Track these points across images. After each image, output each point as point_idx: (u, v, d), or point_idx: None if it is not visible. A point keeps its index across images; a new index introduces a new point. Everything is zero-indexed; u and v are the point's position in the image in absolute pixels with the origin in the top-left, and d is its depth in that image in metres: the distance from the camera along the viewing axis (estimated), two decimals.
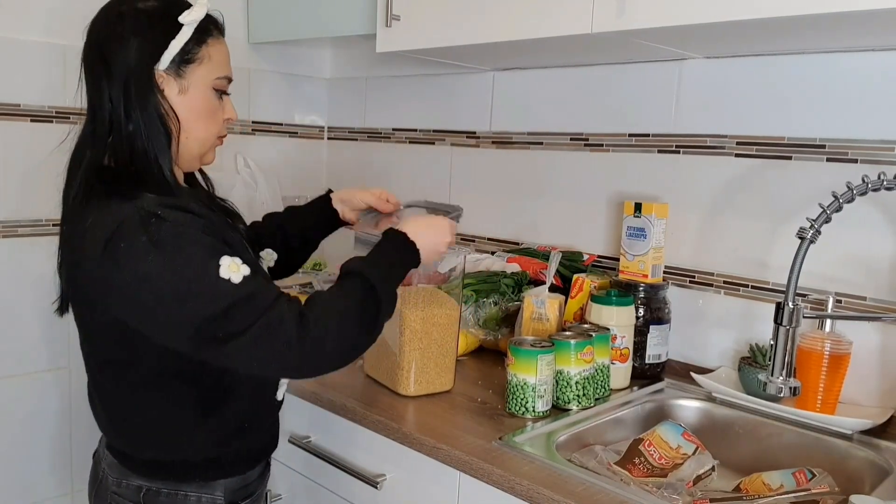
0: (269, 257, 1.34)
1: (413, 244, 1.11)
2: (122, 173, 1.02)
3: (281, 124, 2.25)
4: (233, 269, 0.94)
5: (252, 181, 2.10)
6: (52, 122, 1.75)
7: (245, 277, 0.95)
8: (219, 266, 0.94)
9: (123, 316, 0.98)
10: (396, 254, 1.10)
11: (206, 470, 1.10)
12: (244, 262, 0.96)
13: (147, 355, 1.02)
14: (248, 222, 1.30)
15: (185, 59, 1.04)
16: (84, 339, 1.10)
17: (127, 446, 1.10)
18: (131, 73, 1.00)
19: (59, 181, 1.00)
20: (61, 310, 1.12)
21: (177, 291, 0.92)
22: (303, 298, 1.02)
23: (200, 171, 1.19)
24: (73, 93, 1.74)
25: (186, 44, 1.03)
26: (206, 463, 1.10)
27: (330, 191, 1.41)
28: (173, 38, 1.02)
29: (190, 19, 1.03)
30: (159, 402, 1.06)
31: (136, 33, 1.01)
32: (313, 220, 1.39)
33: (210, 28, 1.07)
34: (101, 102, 1.02)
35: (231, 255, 0.96)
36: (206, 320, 0.92)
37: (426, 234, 1.14)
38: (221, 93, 1.10)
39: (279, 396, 1.18)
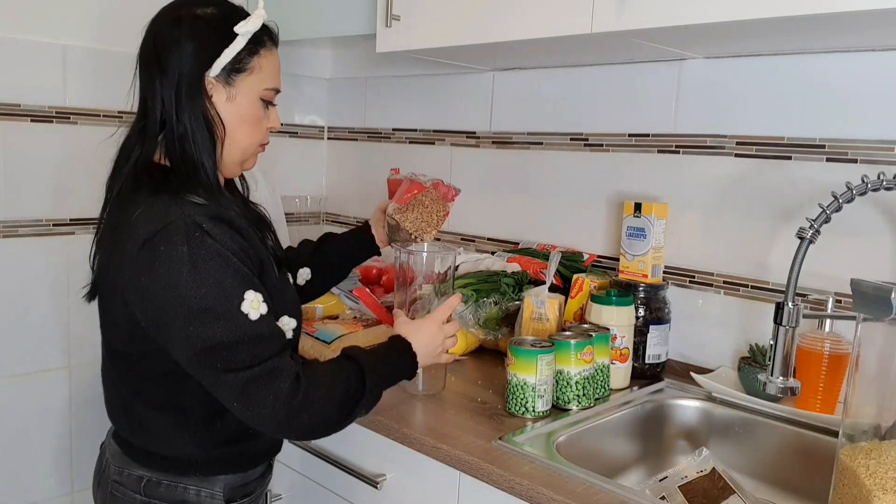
0: (302, 276, 1.39)
1: (416, 361, 1.15)
2: (173, 171, 1.05)
3: (281, 124, 2.25)
4: (254, 304, 0.97)
5: (252, 180, 2.10)
6: (52, 122, 1.75)
7: (261, 316, 0.98)
8: (243, 299, 0.97)
9: (138, 313, 1.00)
10: (400, 365, 1.15)
11: (208, 466, 1.11)
12: (264, 300, 0.99)
13: (157, 355, 1.03)
14: None
15: (235, 67, 1.06)
16: (103, 326, 1.11)
17: (131, 435, 1.11)
18: (183, 76, 1.03)
19: (59, 182, 1.00)
20: (90, 296, 1.14)
21: (198, 309, 0.94)
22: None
23: (241, 176, 1.21)
24: (73, 93, 1.76)
25: (239, 53, 1.06)
26: (207, 460, 1.11)
27: (367, 222, 1.47)
28: (227, 46, 1.05)
29: (244, 30, 1.05)
30: (165, 400, 1.07)
31: (192, 38, 1.03)
32: (350, 245, 1.44)
33: (264, 39, 1.09)
34: (153, 102, 1.05)
35: (256, 289, 0.98)
36: (213, 346, 0.95)
37: (427, 349, 1.17)
38: (268, 102, 1.12)
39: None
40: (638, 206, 1.50)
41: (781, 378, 1.10)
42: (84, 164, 1.78)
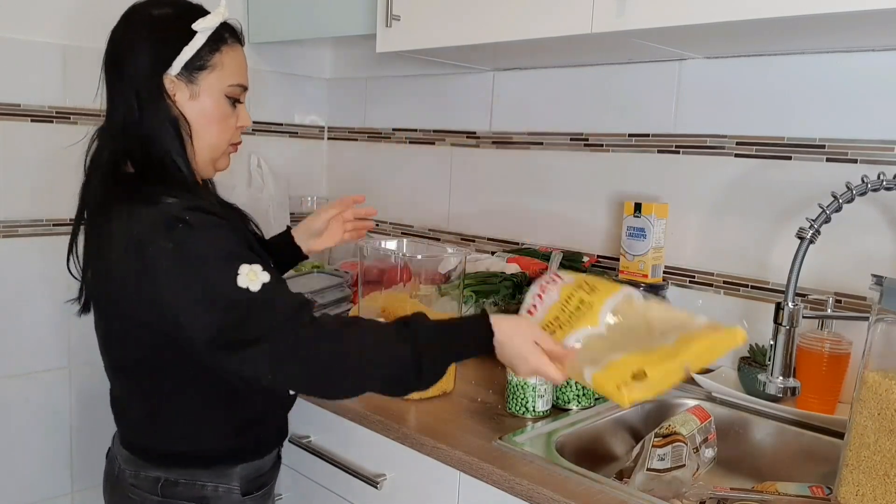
0: None
1: (492, 336, 1.00)
2: (142, 176, 1.04)
3: (281, 124, 2.25)
4: (251, 276, 0.95)
5: (261, 181, 2.10)
6: (52, 122, 1.75)
7: (264, 285, 0.95)
8: (237, 275, 0.94)
9: (148, 319, 1.00)
10: (469, 338, 1.02)
11: (224, 457, 1.12)
12: (264, 269, 0.96)
13: (171, 359, 1.03)
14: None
15: (197, 65, 1.05)
16: (107, 346, 1.10)
17: (146, 442, 1.12)
18: (141, 78, 1.03)
19: (59, 182, 1.00)
20: (83, 310, 1.13)
21: (197, 300, 0.94)
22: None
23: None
24: (73, 93, 1.76)
25: (199, 50, 1.05)
26: (223, 451, 1.12)
27: (289, 227, 1.40)
28: (186, 44, 1.04)
29: (203, 27, 1.04)
30: (182, 401, 1.08)
31: (148, 39, 1.04)
32: (275, 257, 1.31)
33: (225, 36, 1.08)
34: (114, 106, 1.05)
35: (250, 262, 0.96)
36: (222, 329, 0.94)
37: (515, 343, 1.00)
38: (235, 100, 1.11)
39: (292, 391, 1.20)
40: (638, 206, 1.50)
41: (781, 378, 1.10)
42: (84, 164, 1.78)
